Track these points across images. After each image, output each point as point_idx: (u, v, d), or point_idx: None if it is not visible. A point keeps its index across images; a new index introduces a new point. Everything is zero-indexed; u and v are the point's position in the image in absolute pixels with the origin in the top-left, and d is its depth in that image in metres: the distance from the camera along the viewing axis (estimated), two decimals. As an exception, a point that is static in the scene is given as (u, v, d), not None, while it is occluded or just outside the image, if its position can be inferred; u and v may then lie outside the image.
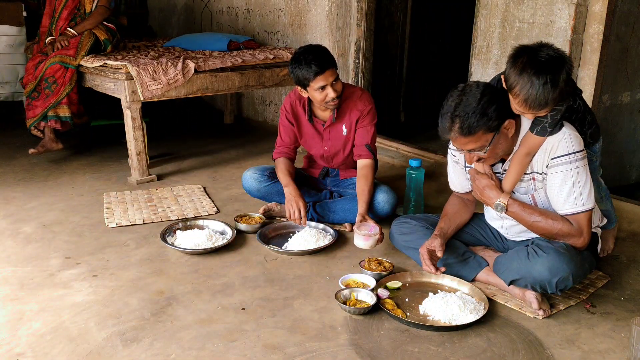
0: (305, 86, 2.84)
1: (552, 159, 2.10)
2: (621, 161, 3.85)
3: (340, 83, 2.88)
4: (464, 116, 2.01)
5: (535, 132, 2.09)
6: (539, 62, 1.93)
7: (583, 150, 2.11)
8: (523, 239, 2.39)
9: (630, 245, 2.85)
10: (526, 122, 2.15)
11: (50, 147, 4.03)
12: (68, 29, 4.10)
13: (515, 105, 2.03)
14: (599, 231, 2.40)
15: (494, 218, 2.46)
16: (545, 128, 2.07)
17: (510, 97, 2.03)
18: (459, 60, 5.03)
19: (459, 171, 2.46)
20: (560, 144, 2.08)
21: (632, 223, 3.07)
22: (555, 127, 2.07)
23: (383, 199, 2.94)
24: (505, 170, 2.25)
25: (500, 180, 2.25)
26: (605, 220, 2.44)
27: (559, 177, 2.10)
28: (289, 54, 4.22)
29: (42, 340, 2.00)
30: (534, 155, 2.15)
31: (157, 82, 3.60)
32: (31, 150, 3.98)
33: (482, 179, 2.23)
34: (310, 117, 3.05)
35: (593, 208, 2.15)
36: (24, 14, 4.89)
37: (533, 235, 2.31)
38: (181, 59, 3.81)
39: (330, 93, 2.82)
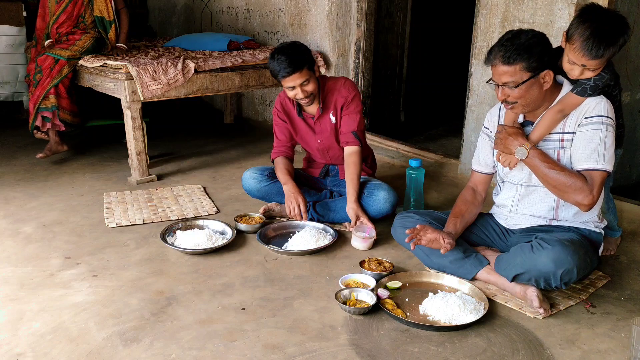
0: (278, 81, 2.93)
1: (585, 118, 2.19)
2: (621, 161, 3.83)
3: (312, 84, 2.91)
4: (509, 46, 2.13)
5: (575, 91, 2.18)
6: (604, 18, 2.07)
7: (614, 119, 2.20)
8: (530, 218, 2.41)
9: (630, 245, 2.85)
10: (565, 89, 2.25)
11: (56, 150, 4.06)
12: (120, 45, 4.23)
13: (570, 55, 2.12)
14: (602, 232, 2.40)
15: (507, 189, 2.46)
16: (585, 89, 2.17)
17: (567, 49, 2.14)
18: (459, 60, 5.04)
19: (487, 144, 2.52)
20: (597, 106, 2.19)
21: (632, 223, 3.07)
22: (595, 92, 2.17)
23: (384, 196, 2.95)
24: None
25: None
26: (606, 222, 2.45)
27: (588, 134, 2.18)
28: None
29: (42, 340, 2.00)
30: (566, 116, 2.22)
31: (157, 82, 3.60)
32: (39, 155, 4.00)
33: (510, 128, 2.28)
34: (299, 112, 3.09)
35: (610, 173, 2.19)
36: (24, 14, 4.89)
37: (539, 214, 2.37)
38: (181, 59, 3.81)
39: (299, 94, 2.89)
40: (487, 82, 2.28)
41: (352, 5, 4.47)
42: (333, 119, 3.07)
